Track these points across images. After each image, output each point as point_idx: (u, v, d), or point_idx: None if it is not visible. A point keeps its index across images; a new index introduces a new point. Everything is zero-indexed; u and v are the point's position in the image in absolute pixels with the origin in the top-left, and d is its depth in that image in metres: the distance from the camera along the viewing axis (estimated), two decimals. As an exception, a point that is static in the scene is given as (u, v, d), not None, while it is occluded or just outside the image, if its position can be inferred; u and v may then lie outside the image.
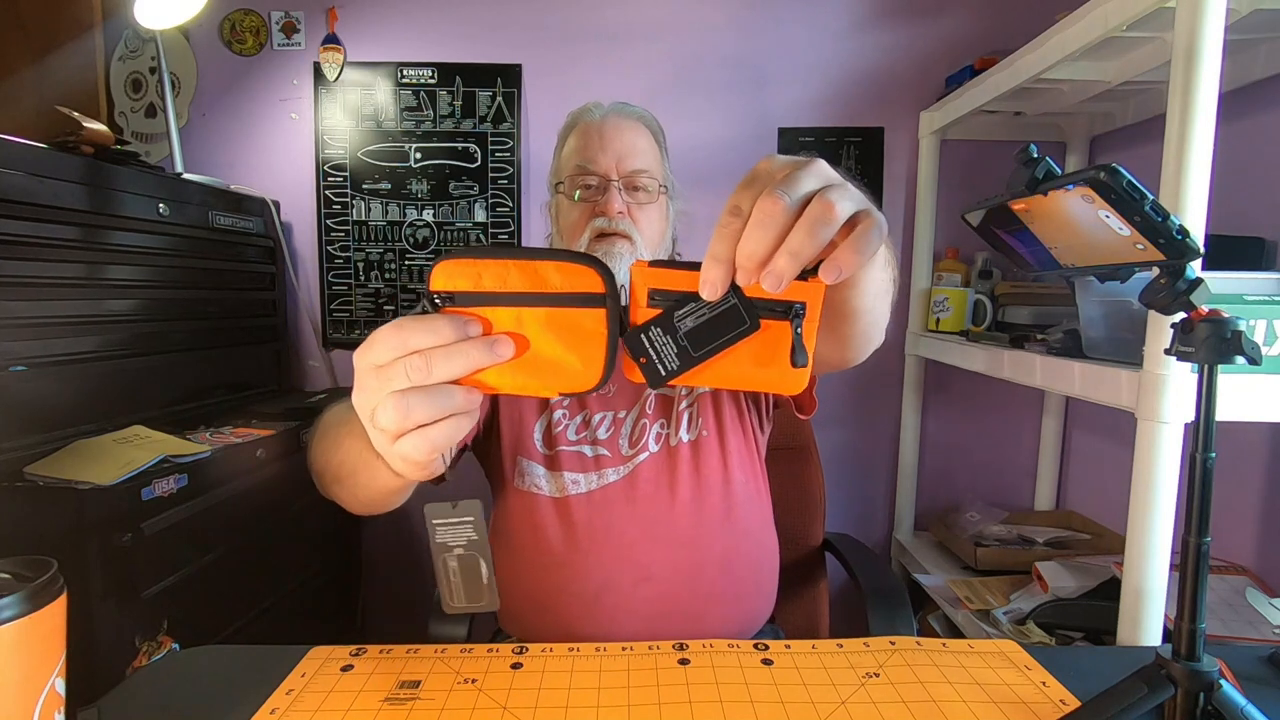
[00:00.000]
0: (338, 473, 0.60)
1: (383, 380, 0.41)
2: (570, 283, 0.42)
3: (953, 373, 1.41)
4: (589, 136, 0.89)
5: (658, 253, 0.90)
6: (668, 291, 0.42)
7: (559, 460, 0.84)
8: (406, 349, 0.41)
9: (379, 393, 0.42)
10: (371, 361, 0.42)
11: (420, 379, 0.41)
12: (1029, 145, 0.48)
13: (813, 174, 0.38)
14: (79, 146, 1.11)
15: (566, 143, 0.93)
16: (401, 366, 0.41)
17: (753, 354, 0.43)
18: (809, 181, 0.38)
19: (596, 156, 0.87)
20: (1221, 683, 0.49)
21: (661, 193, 0.90)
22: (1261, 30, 1.01)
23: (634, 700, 0.57)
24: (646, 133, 0.91)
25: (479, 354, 0.41)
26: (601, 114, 0.91)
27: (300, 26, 1.64)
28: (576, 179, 0.88)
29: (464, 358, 0.41)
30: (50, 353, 1.04)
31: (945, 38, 1.63)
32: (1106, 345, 0.94)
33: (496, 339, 0.42)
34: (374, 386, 0.42)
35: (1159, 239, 0.44)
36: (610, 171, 0.87)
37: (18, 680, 0.43)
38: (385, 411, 0.41)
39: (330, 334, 1.71)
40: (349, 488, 0.60)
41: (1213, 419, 0.49)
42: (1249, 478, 1.16)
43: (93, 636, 0.92)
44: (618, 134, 0.88)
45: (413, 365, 0.41)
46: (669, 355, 0.43)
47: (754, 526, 0.88)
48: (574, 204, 0.88)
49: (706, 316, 0.42)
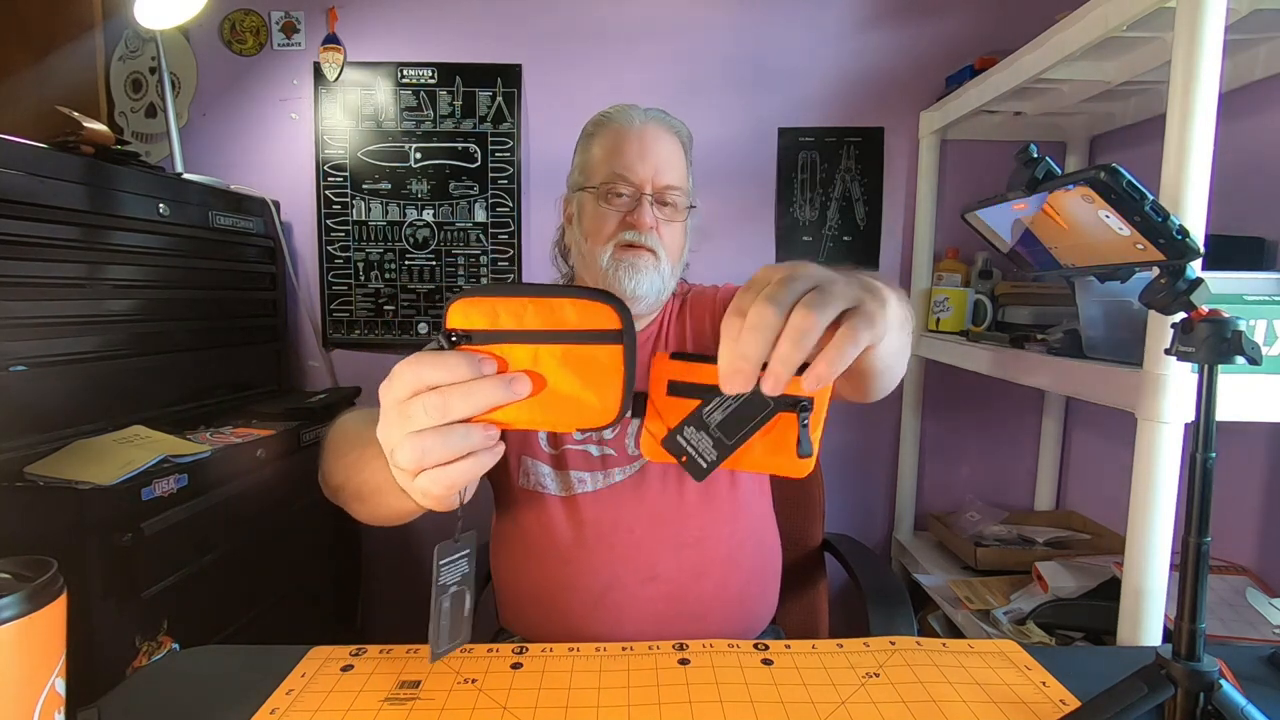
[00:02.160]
0: (359, 490, 0.60)
1: (403, 417, 0.42)
2: (586, 320, 0.42)
3: (953, 373, 1.41)
4: (627, 143, 0.86)
5: (677, 267, 0.89)
6: (687, 383, 0.45)
7: (565, 459, 0.85)
8: (422, 385, 0.42)
9: (399, 430, 0.43)
10: (394, 397, 0.43)
11: (437, 417, 0.41)
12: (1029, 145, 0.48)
13: (802, 279, 0.41)
14: (79, 146, 1.11)
15: (596, 142, 0.89)
16: (419, 404, 0.41)
17: (766, 443, 0.46)
18: (798, 285, 0.40)
19: (635, 165, 0.85)
20: (1221, 683, 0.49)
21: (687, 209, 0.89)
22: (1261, 30, 1.01)
23: (634, 700, 0.57)
24: (680, 147, 0.90)
25: (496, 392, 0.42)
26: (642, 121, 0.88)
27: (300, 26, 1.64)
28: (610, 184, 0.86)
29: (481, 395, 0.42)
30: (50, 353, 1.04)
31: (945, 38, 1.63)
32: (1106, 345, 0.94)
33: (514, 377, 0.42)
34: (395, 423, 0.43)
35: (1159, 239, 0.44)
36: (645, 184, 0.85)
37: (18, 680, 0.43)
38: (403, 451, 0.42)
39: (330, 334, 1.71)
40: (370, 506, 0.60)
41: (1213, 419, 0.49)
42: (1249, 478, 1.16)
43: (93, 636, 0.92)
44: (656, 145, 0.86)
45: (429, 403, 0.41)
46: (706, 449, 0.46)
47: (758, 527, 0.88)
48: (602, 209, 0.86)
49: (732, 408, 0.45)
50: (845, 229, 1.69)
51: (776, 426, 0.45)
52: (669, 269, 0.86)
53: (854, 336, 0.40)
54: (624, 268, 0.83)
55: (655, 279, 0.84)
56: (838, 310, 0.40)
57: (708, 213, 1.67)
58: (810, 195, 1.68)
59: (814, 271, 0.42)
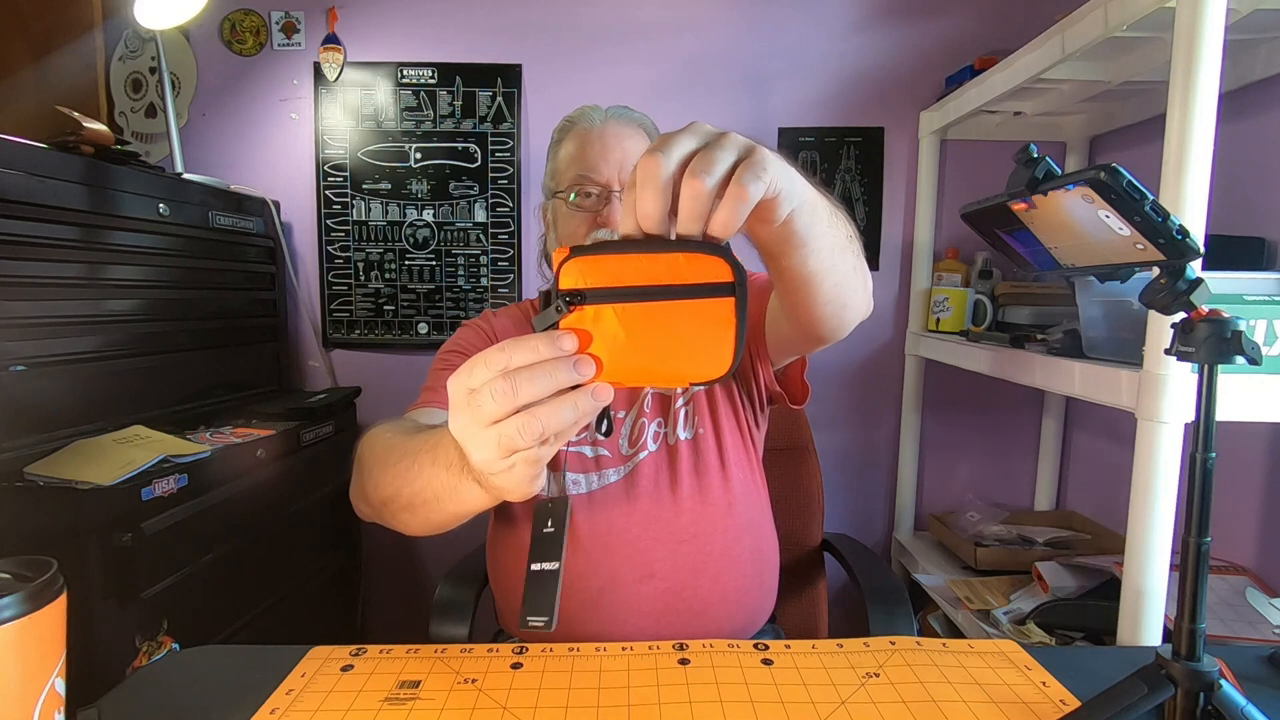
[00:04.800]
0: (412, 501, 0.59)
1: (472, 407, 0.42)
2: (699, 272, 0.41)
3: (953, 373, 1.41)
4: (590, 143, 0.87)
5: None
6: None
7: (559, 462, 0.85)
8: (496, 369, 0.41)
9: (471, 421, 0.43)
10: (466, 386, 0.42)
11: (506, 404, 0.41)
12: (1029, 145, 0.48)
13: (690, 134, 0.42)
14: (79, 146, 1.11)
15: (563, 147, 0.91)
16: (487, 391, 0.41)
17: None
18: (686, 141, 0.41)
19: (598, 165, 0.85)
20: (1221, 683, 0.49)
21: None
22: (1261, 30, 1.01)
23: (634, 700, 0.57)
24: (646, 139, 0.90)
25: (562, 374, 0.42)
26: (601, 120, 0.89)
27: (300, 26, 1.64)
28: (576, 187, 0.86)
29: (548, 379, 0.41)
30: (50, 353, 1.04)
31: (945, 38, 1.63)
32: (1106, 345, 0.94)
33: (579, 359, 0.42)
34: (465, 413, 0.43)
35: (1159, 239, 0.44)
36: (612, 181, 0.85)
37: (18, 680, 0.43)
38: (478, 445, 0.43)
39: (330, 334, 1.71)
40: (423, 515, 0.59)
41: (1213, 419, 0.49)
42: (1249, 478, 1.16)
43: (93, 636, 0.92)
44: (619, 141, 0.87)
45: (497, 389, 0.41)
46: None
47: (754, 523, 0.88)
48: (573, 212, 0.87)
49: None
50: (845, 229, 1.69)
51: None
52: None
53: (753, 174, 0.41)
54: None
55: None
56: (735, 155, 0.41)
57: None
58: (810, 195, 1.68)
59: (700, 128, 0.42)
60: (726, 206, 0.41)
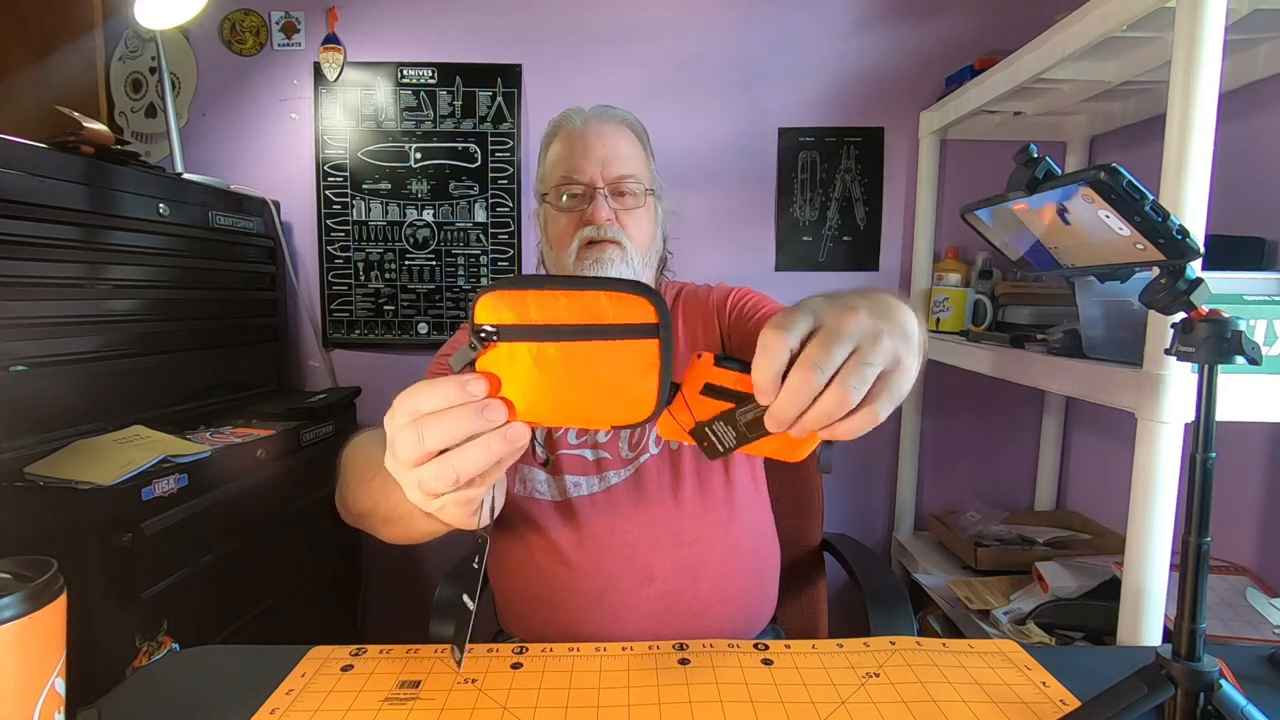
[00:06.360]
0: (388, 516, 0.60)
1: (392, 450, 0.43)
2: (621, 313, 0.40)
3: (953, 373, 1.41)
4: (572, 144, 0.87)
5: (648, 255, 0.89)
6: (723, 388, 0.45)
7: (560, 464, 0.84)
8: (416, 413, 0.42)
9: (396, 465, 0.44)
10: (394, 427, 0.43)
11: (415, 450, 0.42)
12: (1029, 145, 0.48)
13: (849, 336, 0.41)
14: (79, 146, 1.11)
15: (550, 150, 0.91)
16: (401, 438, 0.42)
17: (782, 437, 0.46)
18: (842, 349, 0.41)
19: (581, 164, 0.86)
20: (1221, 683, 0.49)
21: (649, 195, 0.89)
22: (1261, 30, 1.01)
23: (634, 700, 0.57)
24: (630, 135, 0.90)
25: (470, 422, 0.41)
26: (583, 120, 0.89)
27: (300, 26, 1.64)
28: (562, 188, 0.87)
29: (455, 426, 0.41)
30: (50, 353, 1.04)
31: (945, 38, 1.63)
32: (1106, 345, 0.94)
33: (487, 404, 0.41)
34: (389, 455, 0.44)
35: (1159, 239, 0.44)
36: (596, 179, 0.85)
37: (18, 680, 0.43)
38: (405, 484, 0.44)
39: (330, 334, 1.71)
40: (400, 529, 0.60)
41: (1213, 419, 0.49)
42: (1249, 478, 1.16)
43: (93, 636, 0.92)
44: (600, 140, 0.87)
45: (406, 438, 0.42)
46: (727, 437, 0.47)
47: (755, 526, 0.88)
48: (560, 213, 0.87)
49: (759, 414, 0.44)
50: (845, 229, 1.69)
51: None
52: (638, 258, 0.86)
53: (890, 396, 0.43)
54: (589, 265, 0.83)
55: (624, 270, 0.84)
56: (877, 373, 0.42)
57: (708, 213, 1.67)
58: (810, 195, 1.68)
59: (861, 325, 0.42)
60: (863, 416, 0.42)
